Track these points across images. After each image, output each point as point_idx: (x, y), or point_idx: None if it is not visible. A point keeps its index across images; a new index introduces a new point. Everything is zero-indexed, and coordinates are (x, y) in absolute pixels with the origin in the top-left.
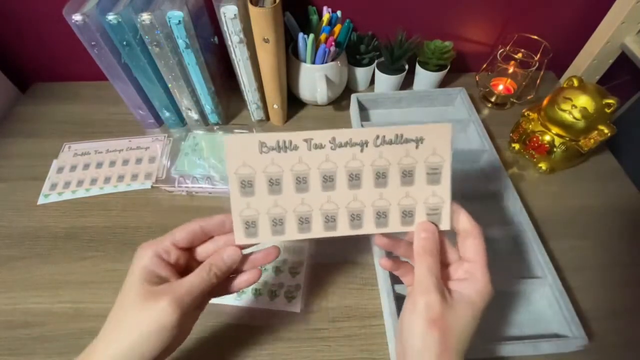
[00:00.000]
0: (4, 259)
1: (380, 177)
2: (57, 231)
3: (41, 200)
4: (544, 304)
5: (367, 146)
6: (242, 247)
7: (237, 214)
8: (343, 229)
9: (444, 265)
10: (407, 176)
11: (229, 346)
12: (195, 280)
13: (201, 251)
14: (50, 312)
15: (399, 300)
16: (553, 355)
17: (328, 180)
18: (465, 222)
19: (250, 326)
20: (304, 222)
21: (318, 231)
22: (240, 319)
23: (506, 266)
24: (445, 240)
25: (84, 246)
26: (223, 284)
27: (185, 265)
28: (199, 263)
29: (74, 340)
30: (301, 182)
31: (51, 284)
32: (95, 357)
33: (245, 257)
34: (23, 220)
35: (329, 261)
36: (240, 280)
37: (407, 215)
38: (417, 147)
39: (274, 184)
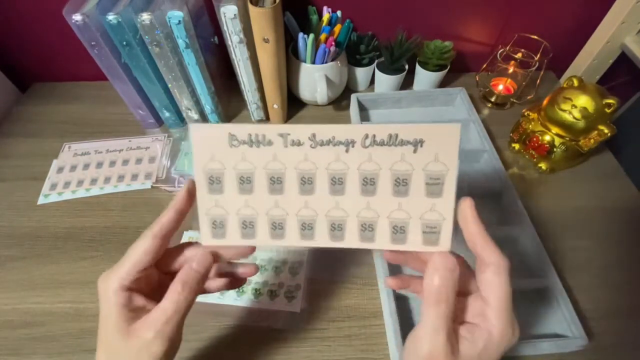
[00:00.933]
0: (4, 259)
1: (368, 184)
2: (57, 231)
3: (41, 200)
4: (544, 304)
5: (353, 146)
6: (212, 252)
7: (203, 212)
8: (321, 240)
9: (461, 294)
10: (401, 185)
11: (229, 346)
12: (170, 306)
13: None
14: (50, 312)
15: (399, 300)
16: (553, 355)
17: (306, 183)
18: (487, 252)
19: (250, 326)
20: (277, 227)
21: (293, 239)
22: (240, 319)
23: None
24: (465, 269)
25: (84, 246)
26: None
27: (161, 280)
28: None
29: (74, 340)
30: (275, 183)
31: (51, 284)
32: None
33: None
34: (23, 220)
35: (329, 261)
36: (223, 282)
37: (399, 232)
38: (415, 150)
39: (245, 182)
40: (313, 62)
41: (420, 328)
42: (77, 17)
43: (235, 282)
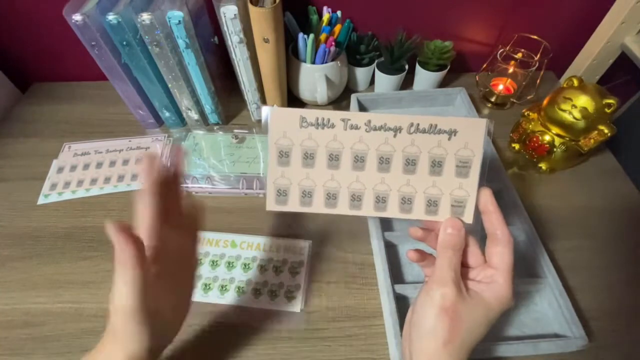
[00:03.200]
0: (4, 259)
1: (410, 164)
2: (57, 231)
3: (41, 200)
4: (544, 304)
5: (400, 132)
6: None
7: (271, 182)
8: (367, 210)
9: (465, 265)
10: (436, 166)
11: (228, 346)
12: (142, 209)
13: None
14: (50, 312)
15: (399, 300)
16: (553, 355)
17: (359, 161)
18: (500, 229)
19: (250, 326)
20: (331, 197)
21: (343, 208)
22: (241, 319)
23: None
24: (471, 241)
25: (84, 246)
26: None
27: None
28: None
29: (74, 340)
30: (333, 159)
31: (51, 284)
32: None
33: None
34: (23, 220)
35: (329, 261)
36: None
37: (432, 205)
38: (449, 138)
39: (308, 158)
40: (313, 62)
41: (432, 276)
42: (77, 17)
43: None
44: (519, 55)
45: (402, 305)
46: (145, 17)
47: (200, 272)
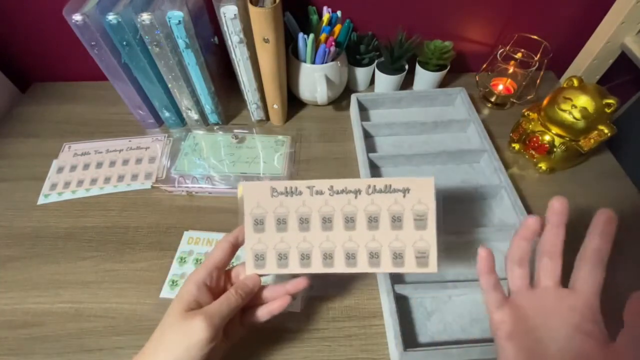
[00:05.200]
0: (4, 259)
1: (373, 221)
2: (57, 231)
3: (41, 200)
4: None
5: (360, 194)
6: (261, 275)
7: (249, 248)
8: (339, 266)
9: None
10: (397, 221)
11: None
12: (224, 301)
13: (235, 275)
14: (50, 312)
15: (399, 300)
16: None
17: (327, 222)
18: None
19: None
20: (305, 257)
21: (317, 267)
22: None
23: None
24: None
25: (84, 246)
26: (253, 312)
27: (224, 287)
28: None
29: (74, 340)
30: (304, 222)
31: (51, 284)
32: None
33: (274, 287)
34: (23, 220)
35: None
36: (272, 307)
37: (398, 257)
38: (404, 196)
39: (281, 223)
40: (313, 62)
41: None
42: (77, 17)
43: (281, 302)
44: (519, 55)
45: (402, 305)
46: (145, 17)
47: None
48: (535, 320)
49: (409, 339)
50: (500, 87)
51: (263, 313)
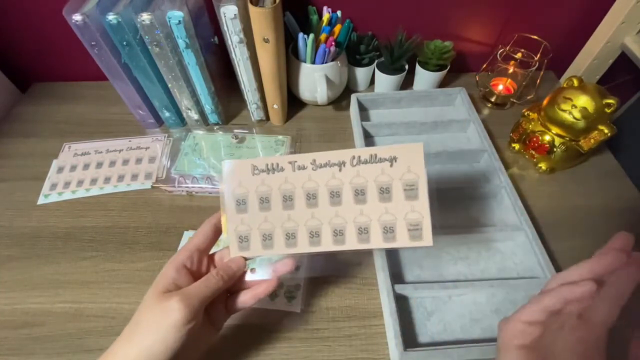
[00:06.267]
0: (4, 259)
1: (360, 194)
2: (57, 231)
3: (41, 200)
4: None
5: (344, 166)
6: (246, 258)
7: (232, 230)
8: (327, 244)
9: None
10: (385, 192)
11: (228, 346)
12: (203, 282)
13: (219, 259)
14: (50, 312)
15: (399, 300)
16: None
17: (311, 198)
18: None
19: (250, 326)
20: (291, 237)
21: (303, 246)
22: (240, 318)
23: (506, 266)
24: None
25: (84, 246)
26: (237, 297)
27: (206, 271)
28: None
29: (74, 340)
30: (287, 200)
31: (51, 284)
32: (114, 357)
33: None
34: (23, 220)
35: (329, 261)
36: (257, 290)
37: (389, 231)
38: (391, 165)
39: (264, 202)
40: (313, 62)
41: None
42: (77, 17)
43: (267, 285)
44: (519, 55)
45: (402, 305)
46: (145, 17)
47: None
48: (547, 339)
49: (409, 339)
50: (500, 87)
51: (248, 297)
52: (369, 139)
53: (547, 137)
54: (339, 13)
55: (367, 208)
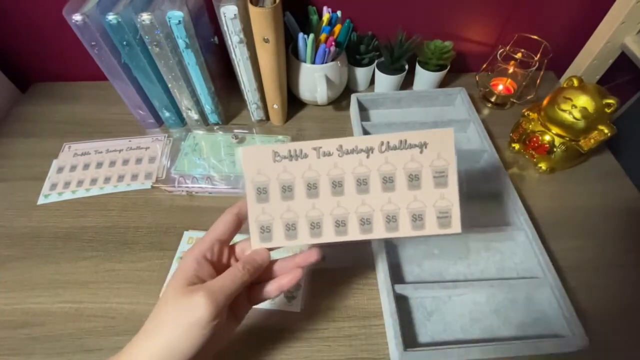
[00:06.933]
0: (4, 259)
1: (388, 182)
2: (57, 231)
3: (41, 200)
4: (544, 304)
5: (372, 152)
6: (270, 249)
7: (253, 220)
8: (354, 234)
9: None
10: (414, 180)
11: (228, 346)
12: (228, 276)
13: (240, 251)
14: (50, 312)
15: (399, 300)
16: (553, 355)
17: (337, 186)
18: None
19: (250, 326)
20: (315, 226)
21: (329, 235)
22: None
23: (506, 266)
24: None
25: (84, 246)
26: (261, 288)
27: (227, 264)
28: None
29: (74, 340)
30: (312, 188)
31: (51, 284)
32: (136, 352)
33: (285, 261)
34: (23, 220)
35: (329, 261)
36: (282, 281)
37: (418, 219)
38: (421, 152)
39: (287, 190)
40: (313, 62)
41: None
42: (77, 17)
43: (292, 276)
44: (519, 55)
45: (402, 305)
46: (145, 17)
47: None
48: None
49: (409, 339)
50: (500, 87)
51: (272, 288)
52: None
53: (547, 137)
54: (339, 13)
55: (396, 196)
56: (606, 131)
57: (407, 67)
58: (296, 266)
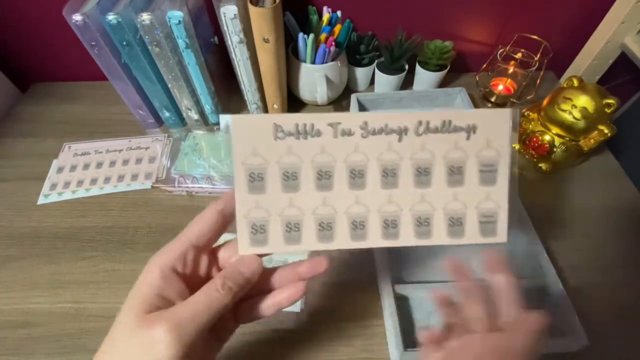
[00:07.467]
0: (4, 259)
1: (422, 174)
2: (57, 231)
3: (41, 200)
4: (544, 304)
5: (406, 134)
6: (261, 255)
7: (242, 216)
8: (374, 239)
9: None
10: (456, 174)
11: (228, 346)
12: (202, 299)
13: (225, 257)
14: (50, 312)
15: (399, 300)
16: (553, 355)
17: (357, 176)
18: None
19: (249, 326)
20: (326, 228)
21: (343, 241)
22: None
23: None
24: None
25: (84, 246)
26: (252, 304)
27: (207, 276)
28: None
29: (74, 340)
30: (323, 177)
31: (51, 284)
32: None
33: (283, 270)
34: (23, 220)
35: (328, 261)
36: (280, 297)
37: (456, 224)
38: (468, 137)
39: (290, 179)
40: (313, 62)
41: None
42: (77, 17)
43: (292, 291)
44: (519, 55)
45: (402, 305)
46: (145, 17)
47: None
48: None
49: (409, 339)
50: (500, 87)
51: (267, 305)
52: None
53: (547, 137)
54: (339, 13)
55: (431, 193)
56: (606, 131)
57: (407, 67)
58: (298, 278)
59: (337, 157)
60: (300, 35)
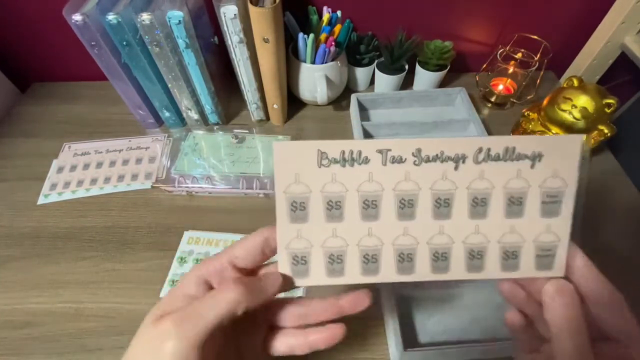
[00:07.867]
0: (4, 259)
1: (479, 205)
2: (57, 231)
3: (41, 200)
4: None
5: (464, 162)
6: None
7: (283, 246)
8: (423, 272)
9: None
10: (515, 204)
11: None
12: (211, 296)
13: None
14: (50, 312)
15: (399, 300)
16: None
17: (406, 206)
18: (594, 282)
19: None
20: (371, 260)
21: (388, 273)
22: None
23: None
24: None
25: (84, 246)
26: (284, 337)
27: None
28: None
29: (74, 340)
30: (370, 207)
31: (51, 284)
32: None
33: (323, 300)
34: (23, 220)
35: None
36: (314, 338)
37: (510, 257)
38: (532, 166)
39: (334, 208)
40: (313, 62)
41: None
42: (77, 17)
43: (330, 332)
44: (519, 55)
45: (402, 305)
46: (145, 17)
47: None
48: None
49: (409, 339)
50: (500, 87)
51: (300, 343)
52: (369, 139)
53: None
54: (339, 13)
55: (486, 224)
56: (606, 131)
57: (407, 67)
58: (339, 313)
59: (386, 185)
60: (300, 35)
